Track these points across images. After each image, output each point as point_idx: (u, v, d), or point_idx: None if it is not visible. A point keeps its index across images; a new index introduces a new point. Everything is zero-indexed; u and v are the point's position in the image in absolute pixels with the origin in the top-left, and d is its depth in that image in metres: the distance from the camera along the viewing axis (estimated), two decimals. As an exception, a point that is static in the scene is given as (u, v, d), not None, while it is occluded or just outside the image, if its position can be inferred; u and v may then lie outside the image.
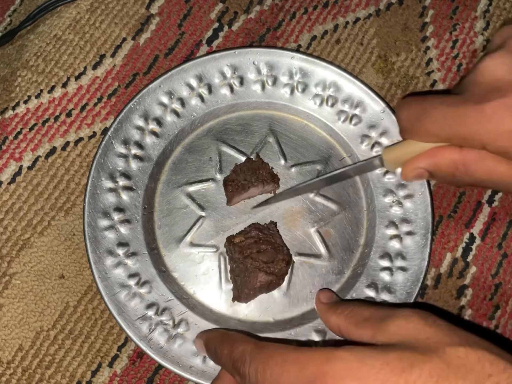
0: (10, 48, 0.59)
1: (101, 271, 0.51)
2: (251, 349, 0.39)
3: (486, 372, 0.31)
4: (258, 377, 0.36)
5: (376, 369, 0.32)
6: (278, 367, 0.35)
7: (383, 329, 0.37)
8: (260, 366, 0.37)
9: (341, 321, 0.42)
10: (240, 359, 0.39)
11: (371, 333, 0.37)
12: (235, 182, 0.53)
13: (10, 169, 0.56)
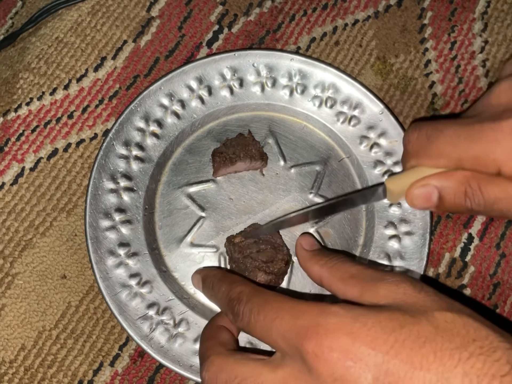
0: (12, 51, 0.60)
1: (102, 271, 0.52)
2: (249, 290, 0.40)
3: (470, 337, 0.32)
4: (251, 318, 0.38)
5: (368, 326, 0.33)
6: (273, 312, 0.36)
7: (372, 290, 0.37)
8: (255, 308, 0.38)
9: (324, 273, 0.43)
10: (236, 298, 0.40)
11: (358, 291, 0.38)
12: (223, 155, 0.54)
13: (12, 171, 0.57)
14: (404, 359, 0.31)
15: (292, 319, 0.35)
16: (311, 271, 0.45)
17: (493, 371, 0.30)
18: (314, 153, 0.57)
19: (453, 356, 0.31)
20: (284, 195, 0.56)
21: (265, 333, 0.37)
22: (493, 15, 0.63)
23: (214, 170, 0.55)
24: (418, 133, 0.44)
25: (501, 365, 0.30)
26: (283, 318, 0.36)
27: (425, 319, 0.33)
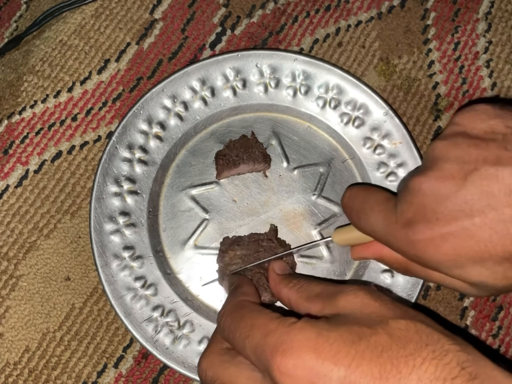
0: (16, 54, 0.60)
1: (107, 274, 0.52)
2: (234, 303, 0.43)
3: (423, 342, 0.33)
4: (229, 334, 0.39)
5: (330, 341, 0.34)
6: (246, 330, 0.38)
7: (332, 303, 0.39)
8: (232, 325, 0.40)
9: (292, 295, 0.44)
10: (223, 308, 0.43)
11: (320, 307, 0.39)
12: (227, 157, 0.54)
13: (17, 173, 0.57)
14: (364, 371, 0.32)
15: (262, 336, 0.36)
16: (281, 293, 0.46)
17: (444, 375, 0.31)
18: (317, 154, 0.57)
19: (407, 363, 0.32)
20: (287, 196, 0.56)
21: (241, 349, 0.38)
22: (497, 15, 0.63)
23: (218, 172, 0.55)
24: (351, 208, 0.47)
25: (452, 368, 0.31)
26: (254, 336, 0.37)
27: (380, 328, 0.34)
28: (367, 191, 0.47)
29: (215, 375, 0.39)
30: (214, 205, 0.55)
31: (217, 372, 0.39)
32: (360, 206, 0.45)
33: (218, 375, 0.39)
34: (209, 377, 0.40)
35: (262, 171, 0.56)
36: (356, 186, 0.49)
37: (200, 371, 0.41)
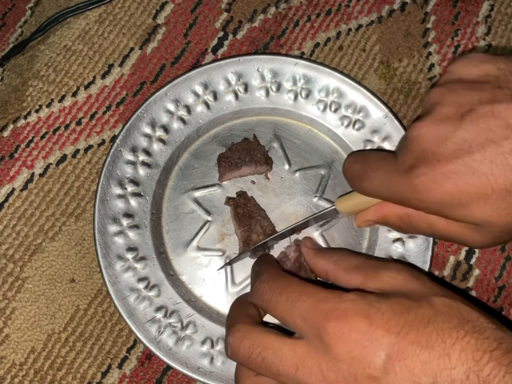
0: (21, 59, 0.61)
1: (111, 275, 0.52)
2: (272, 272, 0.44)
3: (464, 318, 0.36)
4: (273, 297, 0.41)
5: (381, 311, 0.36)
6: (296, 295, 0.39)
7: (375, 277, 0.40)
8: (278, 289, 0.41)
9: (329, 266, 0.45)
10: (259, 276, 0.43)
11: (362, 279, 0.41)
12: (229, 160, 0.54)
13: (22, 176, 0.58)
14: (412, 339, 0.35)
15: (314, 302, 0.38)
16: (317, 265, 0.47)
17: (484, 347, 0.34)
18: (318, 157, 0.57)
19: (451, 335, 0.34)
20: (289, 198, 0.56)
21: (285, 313, 0.39)
22: (497, 18, 0.63)
23: (220, 174, 0.55)
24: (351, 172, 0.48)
25: (490, 342, 0.34)
26: (305, 301, 0.38)
27: (426, 303, 0.37)
28: (365, 153, 0.49)
29: (255, 343, 0.39)
30: (216, 207, 0.56)
31: (257, 340, 0.39)
32: (361, 167, 0.47)
33: (260, 343, 0.39)
34: (246, 346, 0.39)
35: (264, 173, 0.56)
36: (355, 152, 0.51)
37: (233, 342, 0.40)
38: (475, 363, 0.33)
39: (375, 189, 0.45)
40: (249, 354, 0.39)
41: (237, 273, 0.55)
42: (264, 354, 0.38)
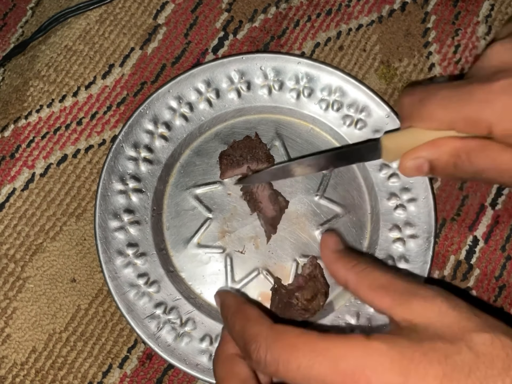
0: (22, 59, 0.61)
1: (111, 271, 0.52)
2: (267, 333, 0.37)
3: (510, 359, 0.32)
4: (280, 367, 0.35)
5: (415, 362, 0.32)
6: (307, 359, 0.34)
7: (405, 304, 0.36)
8: (283, 356, 0.35)
9: (351, 277, 0.41)
10: (253, 342, 0.37)
11: (389, 304, 0.37)
12: (231, 157, 0.54)
13: (23, 176, 0.58)
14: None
15: (333, 362, 0.33)
16: (337, 274, 0.44)
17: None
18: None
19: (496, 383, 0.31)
20: (290, 197, 0.56)
21: (301, 381, 0.34)
22: (497, 18, 0.63)
23: (221, 172, 0.55)
24: (411, 97, 0.45)
25: None
26: (322, 364, 0.33)
27: (465, 345, 0.33)
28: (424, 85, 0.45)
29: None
30: (217, 204, 0.56)
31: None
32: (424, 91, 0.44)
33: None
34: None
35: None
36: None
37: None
38: None
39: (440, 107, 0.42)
40: None
41: (237, 271, 0.55)
42: None
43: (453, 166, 0.44)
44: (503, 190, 0.58)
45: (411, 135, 0.45)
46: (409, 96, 0.45)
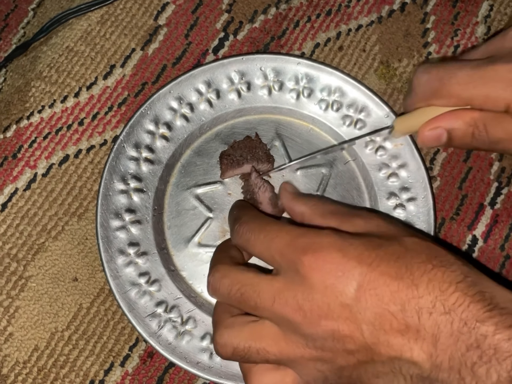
0: (24, 60, 0.61)
1: (112, 269, 0.53)
2: (251, 214, 0.46)
3: (433, 254, 0.38)
4: (252, 236, 0.42)
5: (354, 245, 0.38)
6: (273, 232, 0.41)
7: (349, 222, 0.42)
8: (257, 228, 0.42)
9: (306, 210, 0.46)
10: (238, 219, 0.45)
11: (337, 223, 0.43)
12: (231, 157, 0.55)
13: (25, 176, 0.58)
14: (382, 271, 0.37)
15: (291, 238, 0.40)
16: (294, 208, 0.48)
17: (450, 279, 0.35)
18: (320, 156, 0.57)
19: (419, 268, 0.36)
20: (290, 196, 0.56)
21: (264, 250, 0.41)
22: (496, 18, 0.64)
23: (222, 172, 0.56)
24: (429, 75, 0.47)
25: (457, 274, 0.36)
26: (283, 237, 0.40)
27: (396, 242, 0.39)
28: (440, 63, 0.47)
29: (234, 280, 0.41)
30: (218, 204, 0.56)
31: (236, 278, 0.41)
32: (443, 69, 0.46)
33: (238, 280, 0.41)
34: (226, 284, 0.41)
35: (265, 171, 0.57)
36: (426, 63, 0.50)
37: (214, 282, 0.42)
38: (441, 293, 0.35)
39: (460, 85, 0.44)
40: (228, 291, 0.41)
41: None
42: (243, 290, 0.40)
43: (471, 136, 0.46)
44: (502, 189, 0.59)
45: (425, 114, 0.47)
46: (425, 74, 0.47)
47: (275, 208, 0.53)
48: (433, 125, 0.47)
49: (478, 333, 0.33)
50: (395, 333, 0.36)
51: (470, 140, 0.47)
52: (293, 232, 0.40)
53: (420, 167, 0.56)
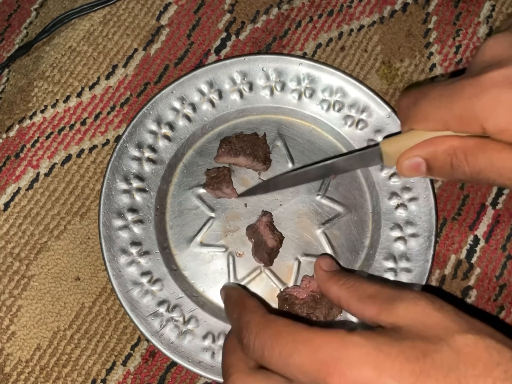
0: (27, 60, 0.61)
1: (115, 269, 0.53)
2: (258, 320, 0.38)
3: (494, 361, 0.31)
4: (265, 352, 0.36)
5: (392, 357, 0.32)
6: (289, 346, 0.35)
7: (390, 309, 0.36)
8: (268, 342, 0.36)
9: (343, 293, 0.42)
10: (245, 328, 0.38)
11: (376, 311, 0.37)
12: (231, 145, 0.55)
13: (28, 176, 0.58)
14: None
15: (311, 352, 0.34)
16: (330, 291, 0.44)
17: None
18: (322, 156, 0.58)
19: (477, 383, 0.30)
20: (292, 196, 0.56)
21: (282, 368, 0.35)
22: (498, 18, 0.64)
23: (217, 155, 0.56)
24: (407, 99, 0.44)
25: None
26: (301, 352, 0.34)
27: (446, 345, 0.32)
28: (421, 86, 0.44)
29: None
30: (220, 203, 0.56)
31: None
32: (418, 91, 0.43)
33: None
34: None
35: (258, 171, 0.57)
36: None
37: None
38: None
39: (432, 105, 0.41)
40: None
41: (240, 269, 0.55)
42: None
43: (450, 166, 0.43)
44: (503, 189, 0.59)
45: (410, 138, 0.44)
46: (405, 98, 0.45)
47: (275, 236, 0.54)
48: (410, 153, 0.44)
49: None
50: None
51: (450, 170, 0.43)
52: (312, 342, 0.34)
53: (422, 167, 0.56)
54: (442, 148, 0.42)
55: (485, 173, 0.41)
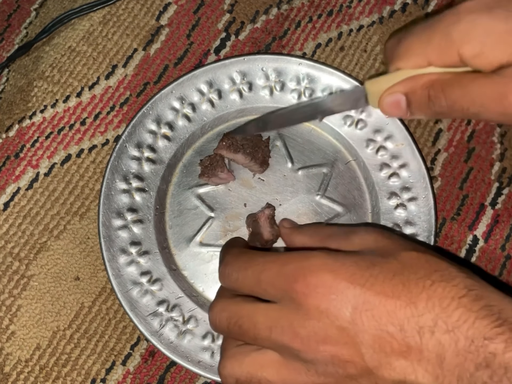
0: (26, 60, 0.61)
1: (114, 269, 0.53)
2: (234, 252, 0.44)
3: (432, 268, 0.37)
4: (239, 275, 0.41)
5: (346, 265, 0.37)
6: (260, 266, 0.40)
7: (347, 241, 0.42)
8: (242, 266, 0.41)
9: (306, 240, 0.47)
10: (223, 261, 0.44)
11: (336, 245, 0.42)
12: (233, 140, 0.54)
13: (27, 176, 0.58)
14: (378, 290, 0.36)
15: (279, 267, 0.39)
16: (294, 241, 0.49)
17: (452, 294, 0.34)
18: (321, 156, 0.58)
19: (418, 285, 0.35)
20: (291, 196, 0.57)
21: (254, 286, 0.40)
22: (497, 19, 0.64)
23: (218, 147, 0.55)
24: (392, 39, 0.46)
25: (459, 289, 0.35)
26: (271, 268, 0.39)
27: (393, 258, 0.38)
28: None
29: (231, 314, 0.40)
30: (219, 203, 0.56)
31: (232, 311, 0.40)
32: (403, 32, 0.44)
33: (235, 313, 0.40)
34: (224, 318, 0.41)
35: (254, 172, 0.57)
36: None
37: (213, 316, 0.42)
38: (442, 310, 0.34)
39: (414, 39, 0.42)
40: (227, 324, 0.40)
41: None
42: (240, 322, 0.39)
43: (427, 98, 0.43)
44: (503, 190, 0.59)
45: (394, 77, 0.45)
46: (391, 39, 0.46)
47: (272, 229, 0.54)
48: (391, 90, 0.45)
49: (486, 352, 0.32)
50: (396, 355, 0.35)
51: (427, 104, 0.44)
52: (280, 259, 0.39)
53: (421, 167, 0.56)
54: (421, 82, 0.43)
55: (460, 103, 0.42)
